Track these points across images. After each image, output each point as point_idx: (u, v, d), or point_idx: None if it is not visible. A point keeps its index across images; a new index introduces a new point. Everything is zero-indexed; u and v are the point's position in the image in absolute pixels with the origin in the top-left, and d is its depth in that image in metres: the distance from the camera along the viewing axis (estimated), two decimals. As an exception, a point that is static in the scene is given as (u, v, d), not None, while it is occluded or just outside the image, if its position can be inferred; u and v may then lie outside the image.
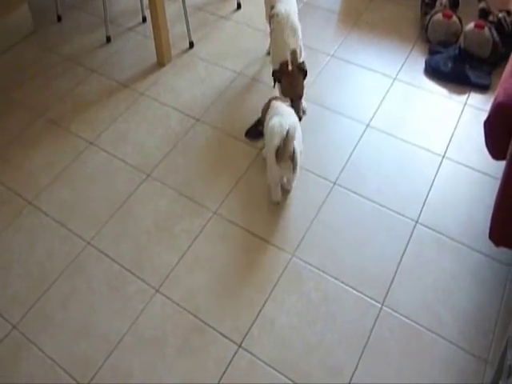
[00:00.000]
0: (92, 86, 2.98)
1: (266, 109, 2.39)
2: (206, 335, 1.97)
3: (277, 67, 2.50)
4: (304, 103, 2.60)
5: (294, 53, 2.48)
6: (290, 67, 2.44)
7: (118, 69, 3.09)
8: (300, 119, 2.41)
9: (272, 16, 2.57)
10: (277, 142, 2.14)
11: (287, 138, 2.10)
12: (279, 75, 2.48)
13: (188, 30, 3.17)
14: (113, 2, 3.58)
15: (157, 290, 2.11)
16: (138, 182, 2.49)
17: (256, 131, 2.50)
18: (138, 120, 2.77)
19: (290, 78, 2.45)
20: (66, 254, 2.24)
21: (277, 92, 2.60)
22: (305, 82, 2.50)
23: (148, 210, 2.38)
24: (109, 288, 2.13)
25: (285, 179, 2.37)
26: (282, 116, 2.25)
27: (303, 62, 2.49)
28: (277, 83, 2.54)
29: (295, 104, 2.47)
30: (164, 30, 2.97)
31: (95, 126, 2.76)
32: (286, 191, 2.40)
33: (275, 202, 2.36)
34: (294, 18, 2.56)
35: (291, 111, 2.34)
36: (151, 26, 2.97)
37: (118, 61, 3.14)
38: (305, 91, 2.52)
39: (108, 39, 3.28)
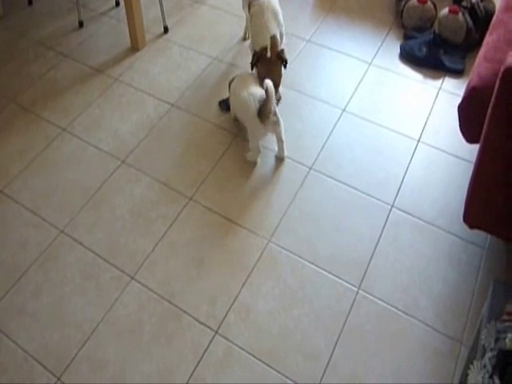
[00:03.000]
0: (65, 71, 2.93)
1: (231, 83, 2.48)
2: (182, 322, 1.96)
3: (257, 49, 2.46)
4: (280, 90, 2.58)
5: (273, 38, 2.43)
6: (268, 54, 2.40)
7: (91, 54, 3.03)
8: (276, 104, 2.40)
9: (252, 0, 2.53)
10: (257, 104, 2.23)
11: (267, 96, 2.16)
12: (256, 60, 2.44)
13: (162, 14, 3.12)
14: (85, -14, 3.51)
15: (132, 278, 2.08)
16: (112, 169, 2.45)
17: (227, 104, 2.57)
18: (112, 106, 2.73)
19: (268, 65, 2.42)
20: (39, 242, 2.20)
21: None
22: (283, 70, 2.48)
23: (123, 196, 2.35)
24: (82, 276, 2.09)
25: (276, 149, 2.45)
26: (250, 86, 2.33)
27: (283, 51, 2.44)
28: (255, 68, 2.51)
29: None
30: (138, 14, 2.92)
31: (68, 112, 2.70)
32: (281, 159, 2.46)
33: (254, 160, 2.45)
34: (275, 2, 2.53)
35: (256, 83, 2.39)
36: (125, 11, 2.91)
37: (91, 46, 3.08)
38: (282, 80, 2.49)
39: (80, 24, 3.21)
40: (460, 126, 2.10)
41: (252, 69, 2.50)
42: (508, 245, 2.11)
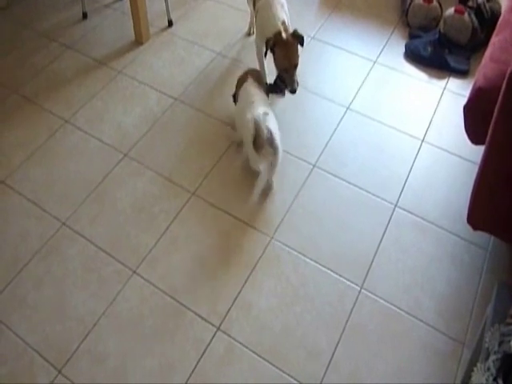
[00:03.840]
0: (68, 62, 2.91)
1: (241, 83, 2.40)
2: (184, 317, 1.95)
3: (270, 35, 2.38)
4: (297, 77, 2.47)
5: (284, 24, 2.40)
6: (283, 35, 2.36)
7: (95, 46, 3.01)
8: (294, 91, 2.36)
9: None
10: (252, 132, 2.12)
11: (256, 128, 2.09)
12: (272, 44, 2.36)
13: (167, 7, 3.10)
14: (89, -23, 3.49)
15: (134, 272, 2.08)
16: (114, 162, 2.44)
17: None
18: (116, 99, 2.71)
19: (285, 47, 2.35)
20: (41, 234, 2.19)
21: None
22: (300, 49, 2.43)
23: (125, 190, 2.34)
24: (84, 269, 2.09)
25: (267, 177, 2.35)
26: (253, 106, 2.24)
27: (296, 30, 2.40)
28: (269, 54, 2.43)
29: (289, 75, 2.37)
30: (142, 7, 2.90)
31: (71, 103, 2.69)
32: (268, 187, 2.34)
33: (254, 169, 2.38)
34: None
35: (263, 98, 2.33)
36: (129, 3, 2.90)
37: (95, 38, 3.07)
38: (300, 60, 2.42)
39: (84, 15, 3.20)
40: (465, 126, 2.10)
41: (266, 53, 2.44)
42: (511, 247, 2.11)
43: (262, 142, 2.12)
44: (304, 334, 1.91)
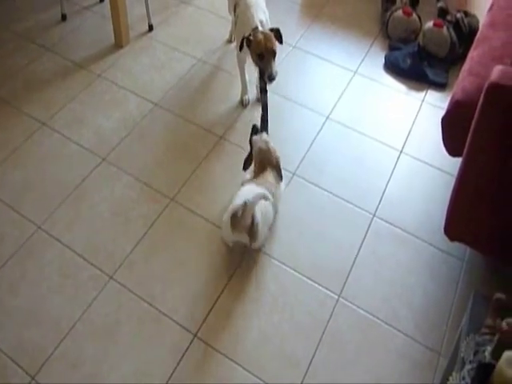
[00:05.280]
0: (46, 64, 2.88)
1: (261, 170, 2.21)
2: (161, 324, 1.94)
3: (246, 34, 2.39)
4: (275, 66, 2.42)
5: (262, 22, 2.43)
6: (260, 28, 2.38)
7: (74, 48, 2.98)
8: (273, 79, 2.35)
9: (237, 2, 2.53)
10: (236, 204, 1.95)
11: (245, 210, 1.93)
12: (248, 41, 2.36)
13: (148, 12, 3.09)
14: (69, -21, 3.46)
15: (110, 277, 2.05)
16: (92, 166, 2.41)
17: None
18: (95, 102, 2.69)
19: (262, 36, 2.35)
20: (16, 238, 2.15)
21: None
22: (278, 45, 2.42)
23: (103, 194, 2.31)
24: (60, 274, 2.06)
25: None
26: (256, 183, 2.11)
27: (274, 27, 2.41)
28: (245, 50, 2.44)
29: (266, 61, 2.36)
30: (123, 10, 2.89)
31: (49, 106, 2.66)
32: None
33: (224, 241, 2.18)
34: (262, 2, 2.56)
35: (271, 183, 2.15)
36: (109, 6, 2.88)
37: (74, 40, 3.04)
38: (277, 49, 2.40)
39: (63, 17, 3.17)
40: (443, 138, 2.12)
41: (241, 49, 2.42)
42: (487, 258, 2.14)
43: (241, 226, 1.97)
44: (282, 342, 1.91)
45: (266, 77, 2.38)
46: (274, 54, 2.38)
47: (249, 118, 2.65)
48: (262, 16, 2.48)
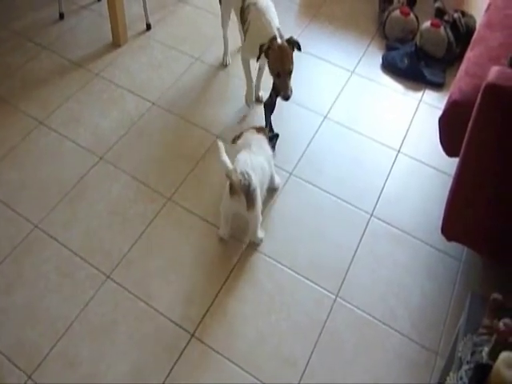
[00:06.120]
0: (43, 63, 2.87)
1: (237, 137, 2.26)
2: (158, 323, 1.93)
3: (264, 42, 2.32)
4: (291, 83, 2.36)
5: (279, 30, 2.36)
6: (279, 40, 2.29)
7: (72, 47, 2.98)
8: (287, 98, 2.29)
9: (247, 7, 2.45)
10: (233, 174, 1.99)
11: (240, 173, 1.98)
12: (267, 49, 2.30)
13: (145, 11, 3.09)
14: (67, -23, 3.45)
15: (108, 277, 2.05)
16: (90, 165, 2.41)
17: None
18: (92, 101, 2.68)
19: (279, 51, 2.29)
20: (12, 237, 2.15)
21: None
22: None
23: (100, 193, 2.31)
24: (57, 273, 2.05)
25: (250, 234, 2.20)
26: (251, 150, 2.14)
27: (292, 37, 2.34)
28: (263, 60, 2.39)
29: (282, 80, 2.29)
30: (120, 9, 2.88)
31: (46, 105, 2.65)
32: (253, 243, 2.19)
33: (220, 236, 2.19)
34: (272, 6, 2.48)
35: (263, 145, 2.22)
36: (107, 5, 2.87)
37: (72, 39, 3.03)
38: (293, 67, 2.34)
39: (61, 16, 3.16)
40: (440, 138, 2.12)
41: (259, 58, 2.34)
42: (484, 258, 2.14)
43: (238, 190, 1.99)
44: (279, 342, 1.91)
45: (281, 96, 2.31)
46: (290, 73, 2.32)
47: (245, 117, 2.65)
48: (277, 22, 2.40)
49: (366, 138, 2.60)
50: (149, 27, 3.13)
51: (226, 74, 2.87)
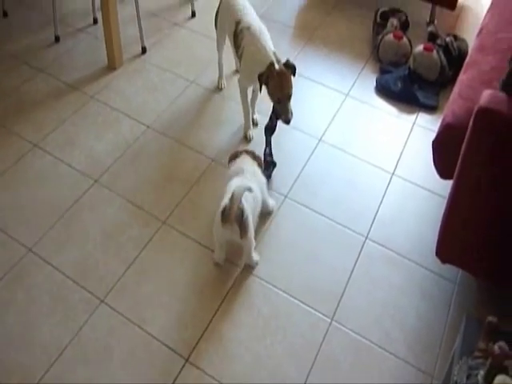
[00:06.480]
0: (39, 86, 2.88)
1: (234, 157, 2.27)
2: (152, 348, 1.92)
3: (262, 70, 2.31)
4: (291, 107, 2.37)
5: (275, 54, 2.35)
6: (276, 66, 2.29)
7: (67, 70, 2.99)
8: (288, 122, 2.30)
9: (240, 31, 2.46)
10: (225, 201, 1.99)
11: (232, 200, 1.95)
12: (266, 77, 2.30)
13: (141, 34, 3.11)
14: (63, 0, 3.47)
15: (101, 301, 2.04)
16: (84, 188, 2.41)
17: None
18: (87, 124, 2.69)
19: (279, 77, 2.29)
20: (5, 260, 2.14)
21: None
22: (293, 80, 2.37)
23: (94, 217, 2.30)
24: (50, 297, 2.04)
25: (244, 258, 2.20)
26: (244, 177, 2.13)
27: (289, 60, 2.35)
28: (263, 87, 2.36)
29: (282, 105, 2.29)
30: (116, 33, 2.90)
31: (41, 127, 2.66)
32: (248, 267, 2.18)
33: (215, 262, 2.18)
34: (265, 30, 2.48)
35: (256, 172, 2.22)
36: (103, 28, 2.90)
37: (67, 62, 3.05)
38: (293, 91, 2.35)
39: (57, 39, 3.18)
40: (434, 161, 2.13)
41: (261, 88, 2.36)
42: (478, 281, 2.14)
43: (231, 216, 1.97)
44: (275, 366, 1.89)
45: (282, 120, 2.31)
46: (290, 97, 2.32)
47: (240, 141, 2.67)
48: (272, 45, 2.40)
49: (360, 160, 2.61)
50: (144, 50, 3.15)
51: (221, 98, 2.88)
